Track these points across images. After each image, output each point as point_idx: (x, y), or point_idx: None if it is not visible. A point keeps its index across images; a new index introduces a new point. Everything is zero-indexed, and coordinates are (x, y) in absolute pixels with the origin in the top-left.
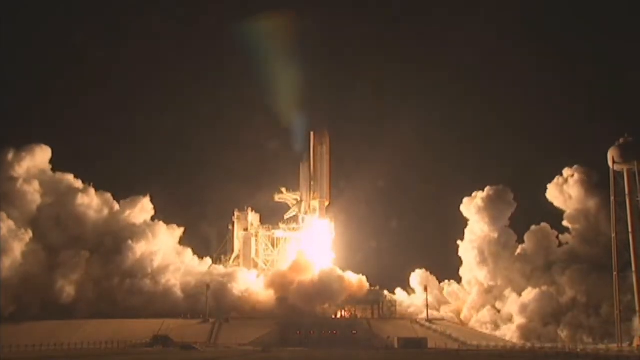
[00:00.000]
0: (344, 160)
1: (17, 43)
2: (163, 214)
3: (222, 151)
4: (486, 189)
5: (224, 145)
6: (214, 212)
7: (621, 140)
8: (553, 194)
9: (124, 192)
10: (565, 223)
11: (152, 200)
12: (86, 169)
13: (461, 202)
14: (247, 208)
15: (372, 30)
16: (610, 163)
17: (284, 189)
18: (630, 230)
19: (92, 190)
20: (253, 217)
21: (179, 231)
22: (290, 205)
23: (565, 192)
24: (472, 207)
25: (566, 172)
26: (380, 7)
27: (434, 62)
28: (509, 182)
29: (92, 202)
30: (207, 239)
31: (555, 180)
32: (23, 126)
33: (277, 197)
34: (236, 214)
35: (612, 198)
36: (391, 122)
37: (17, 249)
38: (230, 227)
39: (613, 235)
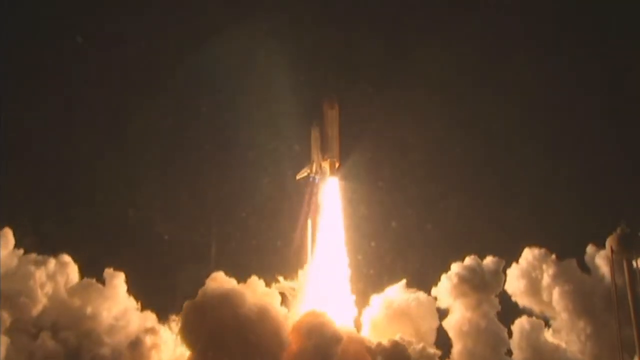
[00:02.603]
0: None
1: None
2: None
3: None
4: (459, 266)
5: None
6: None
7: (618, 231)
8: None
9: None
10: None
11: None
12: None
13: None
14: None
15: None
16: (608, 253)
17: (281, 278)
18: (633, 321)
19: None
20: None
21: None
22: (287, 295)
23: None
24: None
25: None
26: None
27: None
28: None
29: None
30: None
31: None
32: None
33: (275, 287)
34: None
35: (613, 287)
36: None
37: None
38: None
39: (616, 327)
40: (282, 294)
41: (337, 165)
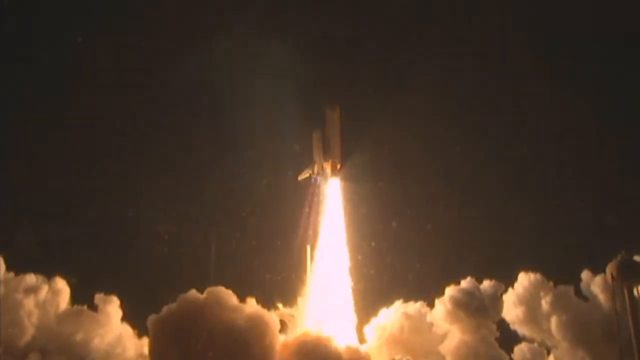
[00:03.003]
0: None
1: None
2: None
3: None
4: (454, 289)
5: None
6: None
7: (619, 257)
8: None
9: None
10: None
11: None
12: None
13: None
14: None
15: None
16: (609, 279)
17: (280, 305)
18: (635, 349)
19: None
20: None
21: None
22: (286, 322)
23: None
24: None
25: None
26: None
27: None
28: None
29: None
30: None
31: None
32: None
33: (275, 314)
34: None
35: (615, 317)
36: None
37: None
38: None
39: (619, 356)
40: (282, 321)
41: (338, 166)
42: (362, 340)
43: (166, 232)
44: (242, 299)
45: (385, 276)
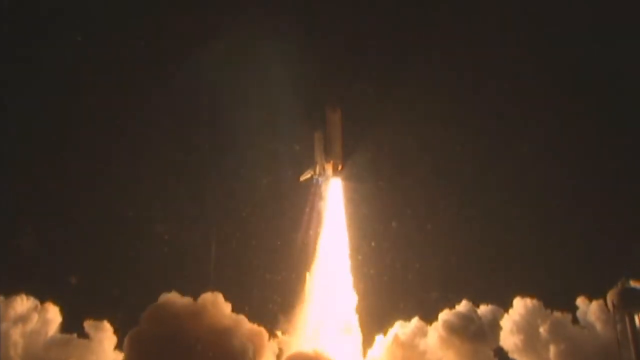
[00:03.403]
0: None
1: None
2: None
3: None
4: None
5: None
6: None
7: (619, 285)
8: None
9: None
10: None
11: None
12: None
13: None
14: None
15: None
16: (610, 307)
17: (279, 332)
18: None
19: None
20: None
21: None
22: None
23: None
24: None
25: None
26: None
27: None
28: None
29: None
30: None
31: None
32: None
33: (275, 342)
34: None
35: (618, 344)
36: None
37: None
38: None
39: None
40: (280, 349)
41: (340, 167)
42: None
43: (166, 232)
44: (240, 301)
45: (385, 276)
